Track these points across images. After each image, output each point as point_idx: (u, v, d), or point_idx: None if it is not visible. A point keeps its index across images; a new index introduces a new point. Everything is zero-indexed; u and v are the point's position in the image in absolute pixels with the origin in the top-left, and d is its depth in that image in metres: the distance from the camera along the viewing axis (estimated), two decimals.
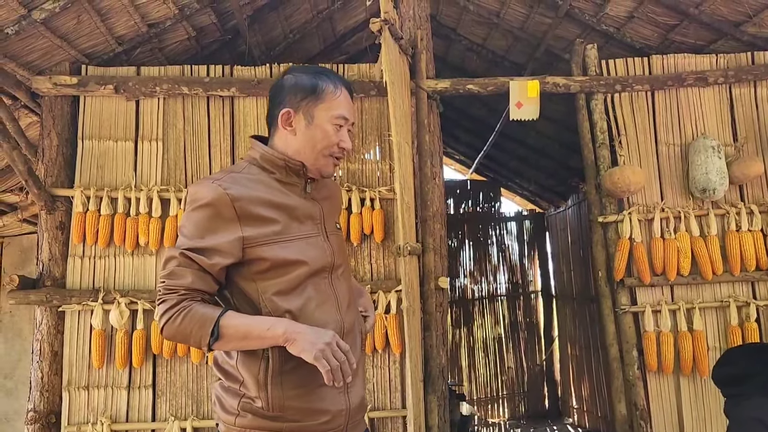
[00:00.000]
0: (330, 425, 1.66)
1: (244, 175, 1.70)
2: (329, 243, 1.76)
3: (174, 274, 1.58)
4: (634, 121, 3.80)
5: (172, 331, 1.57)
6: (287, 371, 1.62)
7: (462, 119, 7.11)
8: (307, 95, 1.72)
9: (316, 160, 1.74)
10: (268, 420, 1.61)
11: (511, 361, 8.34)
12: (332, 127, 1.73)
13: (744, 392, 2.29)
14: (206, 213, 1.61)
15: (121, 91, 3.60)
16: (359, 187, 3.64)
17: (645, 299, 3.61)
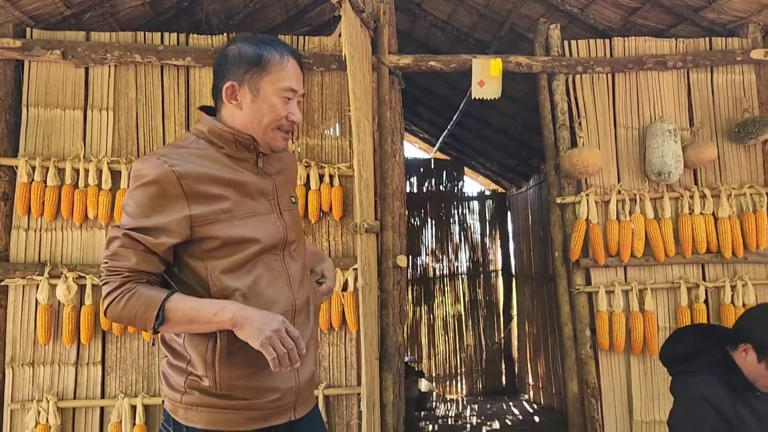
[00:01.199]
0: (279, 402, 1.65)
1: (191, 150, 1.64)
2: (282, 219, 1.72)
3: (117, 254, 1.54)
4: (594, 103, 3.81)
5: (116, 314, 1.54)
6: (235, 351, 1.59)
7: (425, 97, 7.06)
8: (252, 67, 1.65)
9: (265, 134, 1.68)
10: (215, 398, 1.59)
11: (470, 338, 8.45)
12: (279, 100, 1.67)
13: (689, 370, 2.33)
14: (151, 191, 1.55)
15: (69, 56, 3.45)
16: (318, 163, 3.58)
17: (599, 280, 3.66)
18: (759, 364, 2.16)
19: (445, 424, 6.85)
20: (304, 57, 3.61)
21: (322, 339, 3.51)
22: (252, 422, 1.63)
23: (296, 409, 1.71)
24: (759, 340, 2.13)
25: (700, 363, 2.31)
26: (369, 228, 2.93)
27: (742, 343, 2.20)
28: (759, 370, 2.18)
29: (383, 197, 3.50)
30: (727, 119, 3.81)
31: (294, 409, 1.70)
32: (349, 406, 3.47)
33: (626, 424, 3.56)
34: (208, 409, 1.60)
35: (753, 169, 3.79)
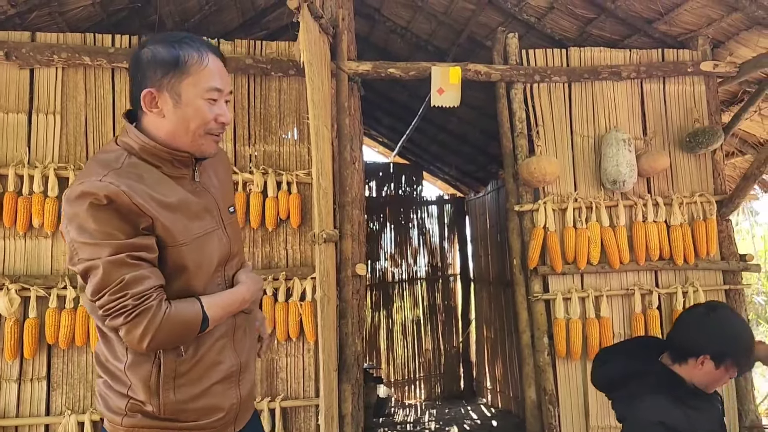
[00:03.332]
0: (223, 420, 1.64)
1: (128, 171, 1.51)
2: (226, 234, 1.67)
3: (135, 280, 1.43)
4: (552, 112, 3.85)
5: (165, 339, 1.46)
6: (181, 374, 1.55)
7: (384, 102, 7.05)
8: (169, 70, 1.52)
9: (194, 140, 1.57)
10: (159, 421, 1.55)
11: (429, 343, 8.46)
12: (204, 102, 1.55)
13: (634, 393, 2.19)
14: (112, 211, 1.44)
15: (12, 57, 3.30)
16: (276, 170, 3.51)
17: (557, 287, 3.69)
18: (717, 370, 2.16)
19: (403, 430, 6.83)
20: (261, 62, 3.54)
21: (279, 350, 3.44)
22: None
23: (236, 423, 1.70)
24: (715, 350, 2.14)
25: (642, 384, 2.19)
26: (327, 237, 2.88)
27: (698, 357, 2.18)
28: (716, 376, 2.17)
29: (342, 205, 3.46)
30: (678, 129, 3.90)
31: (234, 423, 1.69)
32: (307, 418, 3.41)
33: (582, 428, 3.60)
34: (150, 431, 1.55)
35: (703, 178, 3.88)
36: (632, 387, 2.21)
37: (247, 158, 3.55)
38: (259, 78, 3.60)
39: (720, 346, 2.11)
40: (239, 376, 1.66)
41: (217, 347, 1.60)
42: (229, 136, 3.54)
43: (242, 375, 1.67)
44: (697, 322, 2.17)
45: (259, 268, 3.46)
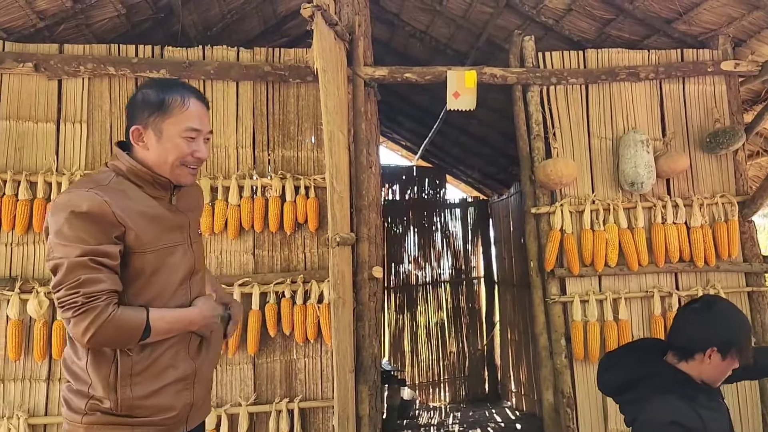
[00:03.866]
0: (175, 419, 1.80)
1: (113, 187, 1.74)
2: (192, 251, 1.89)
3: (89, 281, 1.61)
4: (569, 114, 3.85)
5: (107, 338, 1.63)
6: (137, 373, 1.72)
7: (405, 106, 7.09)
8: (155, 111, 1.78)
9: (172, 171, 1.82)
10: (114, 417, 1.71)
11: (453, 345, 8.46)
12: (182, 140, 1.80)
13: (643, 396, 2.16)
14: (90, 219, 1.64)
15: (41, 69, 3.43)
16: (294, 175, 3.58)
17: (574, 289, 3.69)
18: (723, 362, 2.16)
19: None
20: (280, 69, 3.61)
21: (298, 351, 3.51)
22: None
23: (188, 423, 1.86)
24: (722, 341, 2.14)
25: (651, 386, 2.17)
26: (342, 240, 2.93)
27: (705, 351, 2.17)
28: (722, 368, 2.16)
29: (359, 209, 3.51)
30: (699, 129, 3.86)
31: (186, 423, 1.85)
32: (326, 419, 3.46)
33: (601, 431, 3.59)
34: (108, 427, 1.70)
35: (725, 179, 3.84)
36: (640, 389, 2.19)
37: (266, 163, 3.62)
38: (278, 85, 3.68)
39: (726, 336, 2.12)
40: (194, 380, 1.84)
41: (170, 352, 1.78)
42: (248, 141, 3.62)
43: (197, 380, 1.85)
44: (700, 317, 2.18)
45: (278, 271, 3.53)
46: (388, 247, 8.41)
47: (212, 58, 3.63)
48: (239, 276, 3.46)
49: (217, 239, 3.53)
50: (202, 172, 3.54)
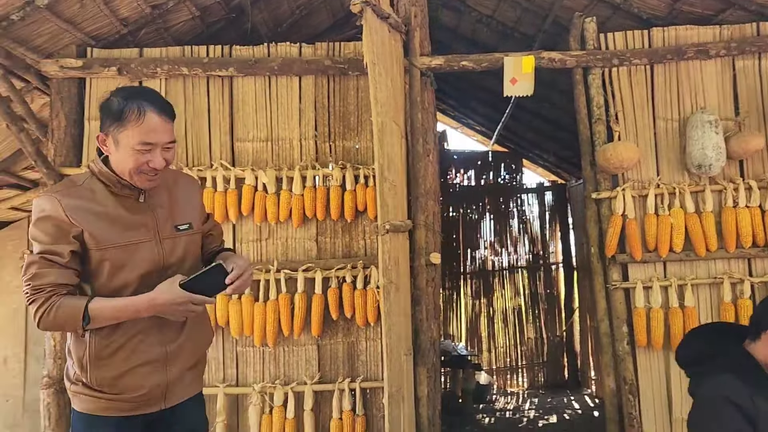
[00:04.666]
0: (146, 397, 2.01)
1: (83, 187, 1.98)
2: (161, 247, 2.03)
3: (38, 275, 1.88)
4: (632, 96, 3.75)
5: (49, 324, 1.89)
6: (105, 356, 1.96)
7: (478, 92, 7.07)
8: (114, 121, 1.92)
9: (131, 177, 1.96)
10: (90, 390, 1.98)
11: (531, 332, 8.40)
12: (137, 152, 1.92)
13: (707, 371, 2.29)
14: (50, 222, 1.90)
15: (124, 72, 3.73)
16: (353, 165, 3.71)
17: (637, 275, 3.62)
18: None
19: (502, 417, 6.88)
20: (340, 63, 3.74)
21: (359, 334, 3.66)
22: (121, 411, 2.00)
23: (167, 400, 2.06)
24: None
25: (717, 363, 2.26)
26: (394, 228, 3.03)
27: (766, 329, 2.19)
28: None
29: (416, 197, 3.60)
30: None
31: (164, 400, 2.05)
32: None
33: (665, 420, 3.52)
34: (86, 397, 1.99)
35: None
36: (708, 366, 2.28)
37: (327, 154, 3.78)
38: (338, 78, 3.82)
39: None
40: (165, 363, 2.03)
41: (137, 338, 1.98)
42: (311, 134, 3.79)
43: (170, 362, 2.04)
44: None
45: (340, 257, 3.69)
46: (464, 233, 8.44)
47: (276, 54, 3.82)
48: (303, 262, 3.65)
49: (282, 227, 3.73)
50: (268, 163, 3.74)
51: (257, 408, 3.54)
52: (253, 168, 3.70)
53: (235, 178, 3.69)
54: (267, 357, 3.67)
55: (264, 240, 3.73)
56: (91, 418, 2.00)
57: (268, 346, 3.63)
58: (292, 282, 3.63)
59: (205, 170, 3.69)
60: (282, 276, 3.60)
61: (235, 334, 3.59)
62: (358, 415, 3.55)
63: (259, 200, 3.66)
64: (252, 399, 3.55)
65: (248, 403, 3.57)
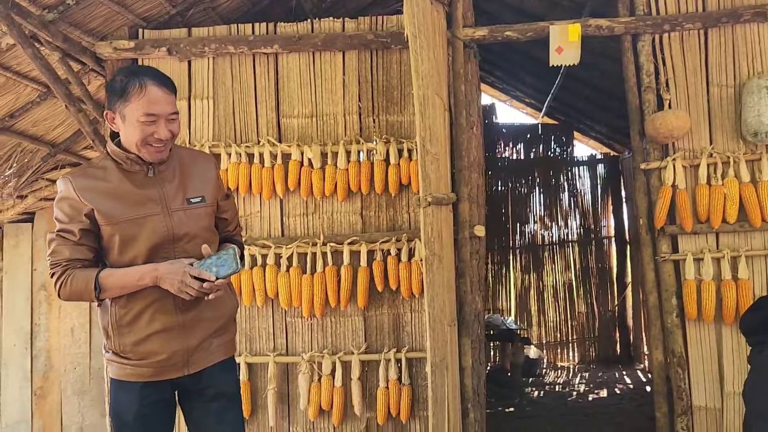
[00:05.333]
0: (167, 362, 2.12)
1: (96, 166, 2.15)
2: (171, 218, 2.12)
3: (55, 252, 2.07)
4: (684, 62, 3.63)
5: (67, 294, 2.07)
6: (124, 325, 2.10)
7: (527, 62, 6.93)
8: (118, 98, 2.04)
9: (139, 150, 2.07)
10: (117, 356, 2.13)
11: (582, 306, 8.30)
12: (141, 124, 2.02)
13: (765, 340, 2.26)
14: (65, 202, 2.07)
15: (173, 52, 3.84)
16: (397, 139, 3.74)
17: (687, 247, 3.54)
18: None
19: (551, 391, 6.87)
20: (382, 37, 3.75)
21: (405, 305, 3.72)
22: (143, 377, 2.12)
23: (189, 367, 2.16)
24: None
25: None
26: (437, 200, 3.05)
27: None
28: None
29: (459, 169, 3.60)
30: None
31: (187, 367, 2.16)
32: None
33: (716, 394, 3.46)
34: (115, 364, 2.14)
35: None
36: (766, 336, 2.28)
37: (371, 129, 3.81)
38: (381, 52, 3.83)
39: None
40: (183, 330, 2.12)
41: (155, 306, 2.09)
42: (354, 108, 3.83)
43: (189, 329, 2.13)
44: None
45: (384, 231, 3.73)
46: (513, 208, 8.37)
47: (320, 30, 3.85)
48: (348, 235, 3.72)
49: (328, 201, 3.80)
50: (314, 138, 3.80)
51: (306, 376, 3.66)
52: (299, 144, 3.77)
53: (282, 153, 3.77)
54: (315, 327, 3.77)
55: (310, 214, 3.81)
56: (120, 383, 2.15)
57: (316, 317, 3.73)
58: (338, 255, 3.71)
59: (252, 147, 3.78)
60: (328, 249, 3.68)
61: (285, 305, 3.70)
62: (404, 385, 3.62)
63: (305, 175, 3.73)
64: (301, 368, 3.67)
65: (298, 371, 3.69)
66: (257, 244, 3.73)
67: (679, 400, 3.47)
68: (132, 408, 2.11)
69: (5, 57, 3.51)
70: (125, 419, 2.13)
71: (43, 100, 4.01)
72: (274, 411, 3.66)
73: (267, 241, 3.74)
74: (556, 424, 5.42)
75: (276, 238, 3.77)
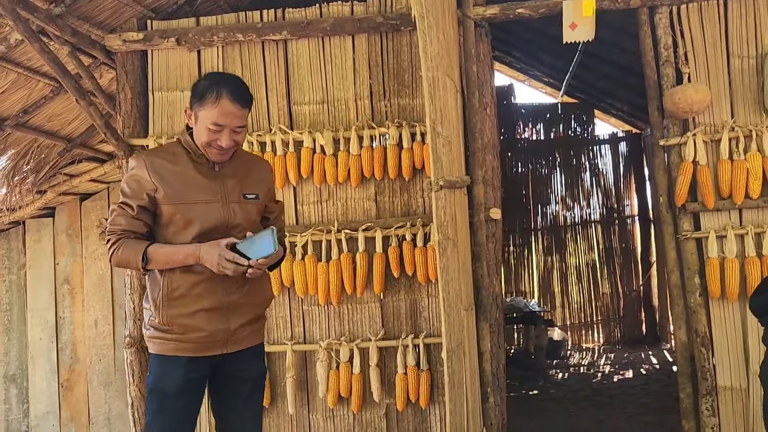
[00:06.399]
0: (208, 339, 2.25)
1: (168, 150, 2.35)
2: (228, 208, 2.28)
3: (114, 221, 2.24)
4: (703, 34, 3.52)
5: (116, 260, 2.23)
6: (174, 298, 2.23)
7: (544, 41, 6.79)
8: (197, 100, 2.23)
9: (203, 148, 2.26)
10: (160, 332, 2.26)
11: (606, 287, 8.21)
12: (208, 130, 2.20)
13: None
14: (133, 178, 2.24)
15: (182, 42, 3.82)
16: (410, 123, 3.68)
17: (709, 224, 3.45)
18: None
19: (576, 372, 6.82)
20: (392, 19, 3.69)
21: (421, 291, 3.69)
22: (187, 351, 2.24)
23: (228, 346, 2.29)
24: None
25: None
26: (450, 183, 3.00)
27: None
28: None
29: (473, 151, 3.54)
30: None
31: (226, 346, 2.28)
32: None
33: (741, 374, 3.38)
34: (159, 340, 2.26)
35: None
36: None
37: (383, 113, 3.76)
38: (391, 34, 3.77)
39: None
40: (227, 311, 2.26)
41: (203, 285, 2.23)
42: (366, 93, 3.78)
43: (231, 312, 2.27)
44: None
45: (399, 216, 3.70)
46: (533, 189, 8.27)
47: (328, 14, 3.79)
48: (363, 222, 3.69)
49: (341, 188, 3.77)
50: (325, 124, 3.77)
51: (324, 364, 3.66)
52: (311, 130, 3.74)
53: (294, 141, 3.74)
54: (332, 315, 3.76)
55: (324, 201, 3.79)
56: (164, 358, 2.26)
57: (332, 305, 3.72)
58: (352, 242, 3.69)
59: (264, 135, 3.77)
60: (343, 236, 3.66)
61: (301, 293, 3.69)
62: (423, 370, 3.60)
63: (317, 162, 3.70)
64: (319, 355, 3.67)
65: (316, 359, 3.69)
66: None
67: (704, 380, 3.40)
68: (176, 381, 2.23)
69: (15, 53, 3.53)
70: (168, 392, 2.24)
71: (57, 95, 4.04)
72: (293, 399, 3.67)
73: None
74: (581, 405, 5.38)
75: (290, 226, 3.75)
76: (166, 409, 2.26)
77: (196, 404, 2.34)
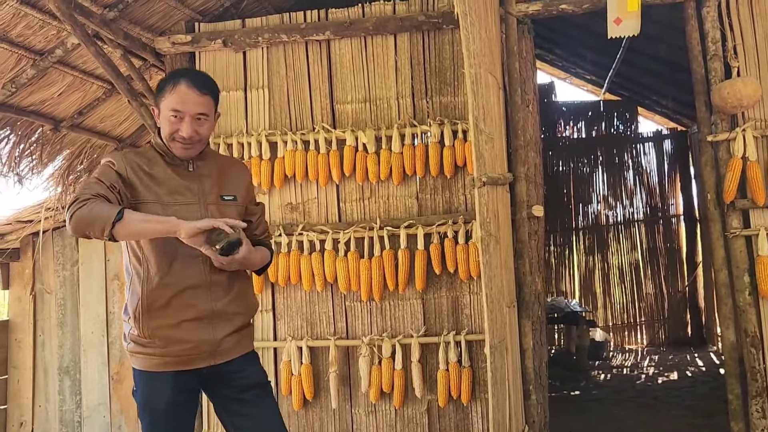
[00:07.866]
0: (193, 351, 2.16)
1: (143, 153, 2.27)
2: (205, 210, 2.22)
3: (89, 186, 2.09)
4: (753, 27, 3.44)
5: (80, 215, 1.99)
6: (156, 309, 2.13)
7: (587, 37, 6.71)
8: (159, 93, 2.21)
9: (168, 144, 2.21)
10: (141, 345, 2.16)
11: (650, 287, 8.06)
12: (168, 119, 2.17)
13: None
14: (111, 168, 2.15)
15: (228, 44, 3.91)
16: (451, 120, 3.70)
17: (760, 222, 3.37)
18: None
19: (618, 374, 6.72)
20: (434, 17, 3.71)
21: (463, 288, 3.70)
22: (169, 366, 2.15)
23: (216, 357, 2.20)
24: None
25: None
26: (492, 180, 3.00)
27: None
28: None
29: (515, 149, 3.54)
30: None
31: (213, 357, 2.19)
32: None
33: None
34: (140, 355, 2.17)
35: None
36: None
37: (425, 111, 3.78)
38: (433, 33, 3.79)
39: None
40: (212, 320, 2.17)
41: (188, 294, 2.14)
42: (408, 91, 3.81)
43: (217, 321, 2.18)
44: None
45: (440, 213, 3.72)
46: (575, 187, 8.18)
47: (371, 14, 3.84)
48: (405, 219, 3.72)
49: (383, 186, 3.80)
50: (368, 123, 3.81)
51: (367, 359, 3.70)
52: (353, 129, 3.79)
53: (337, 139, 3.80)
54: (374, 311, 3.80)
55: (366, 199, 3.83)
56: (149, 374, 2.17)
57: (374, 301, 3.76)
58: (394, 239, 3.72)
59: (307, 134, 3.83)
60: (385, 233, 3.70)
61: (344, 289, 3.74)
62: (465, 367, 3.61)
63: (360, 160, 3.75)
64: (361, 351, 3.71)
65: (358, 354, 3.73)
66: (315, 230, 3.78)
67: (754, 381, 3.32)
68: (165, 398, 2.16)
69: (72, 56, 3.68)
70: (158, 409, 2.17)
71: (108, 97, 4.19)
72: (336, 393, 3.72)
73: (324, 226, 3.79)
74: (624, 406, 5.30)
75: (333, 223, 3.82)
76: (159, 425, 2.19)
77: (190, 416, 2.28)
